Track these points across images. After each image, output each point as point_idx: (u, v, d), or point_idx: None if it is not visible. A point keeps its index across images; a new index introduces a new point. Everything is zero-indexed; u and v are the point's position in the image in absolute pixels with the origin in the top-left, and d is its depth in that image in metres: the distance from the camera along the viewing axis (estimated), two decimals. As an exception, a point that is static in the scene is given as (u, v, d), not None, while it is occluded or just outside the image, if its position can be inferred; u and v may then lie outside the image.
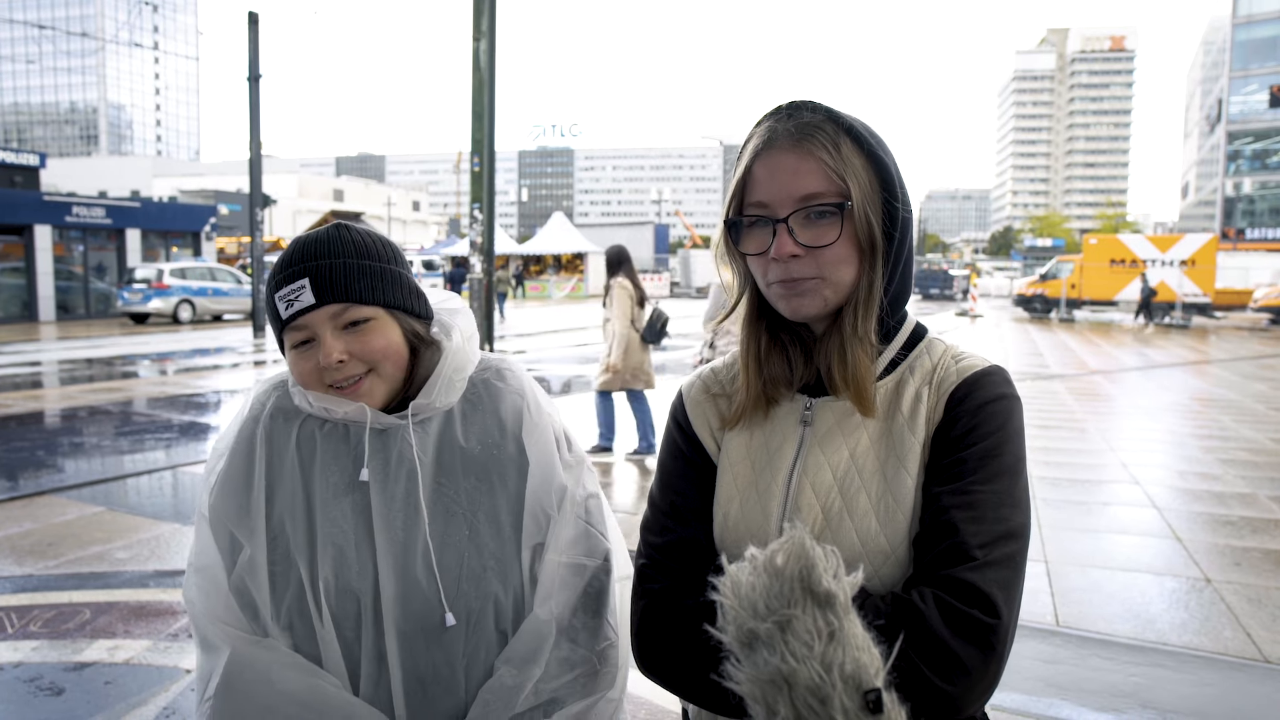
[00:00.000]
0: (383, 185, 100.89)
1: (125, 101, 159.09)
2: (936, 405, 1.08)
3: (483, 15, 11.59)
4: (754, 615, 0.79)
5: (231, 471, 1.26)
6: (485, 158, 11.76)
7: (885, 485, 1.06)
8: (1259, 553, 5.28)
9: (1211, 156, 64.17)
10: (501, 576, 1.25)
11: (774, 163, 1.08)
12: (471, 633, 1.23)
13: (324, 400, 1.24)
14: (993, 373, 1.09)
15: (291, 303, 1.21)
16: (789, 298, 1.09)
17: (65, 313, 26.24)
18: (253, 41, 20.54)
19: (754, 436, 1.16)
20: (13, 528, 5.60)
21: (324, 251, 1.23)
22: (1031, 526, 1.04)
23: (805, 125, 1.08)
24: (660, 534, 1.17)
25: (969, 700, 0.93)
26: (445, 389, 1.28)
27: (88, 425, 9.55)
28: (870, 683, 0.76)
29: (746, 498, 1.13)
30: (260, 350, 17.99)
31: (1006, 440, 1.04)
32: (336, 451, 1.26)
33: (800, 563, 0.79)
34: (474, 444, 1.29)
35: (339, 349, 1.21)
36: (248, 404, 1.32)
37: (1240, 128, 55.83)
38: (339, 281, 1.21)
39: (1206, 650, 3.94)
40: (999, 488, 1.01)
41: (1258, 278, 31.38)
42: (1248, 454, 8.14)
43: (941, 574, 0.96)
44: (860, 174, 1.07)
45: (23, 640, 3.89)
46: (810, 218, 1.06)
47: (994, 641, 0.93)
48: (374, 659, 1.20)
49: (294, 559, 1.21)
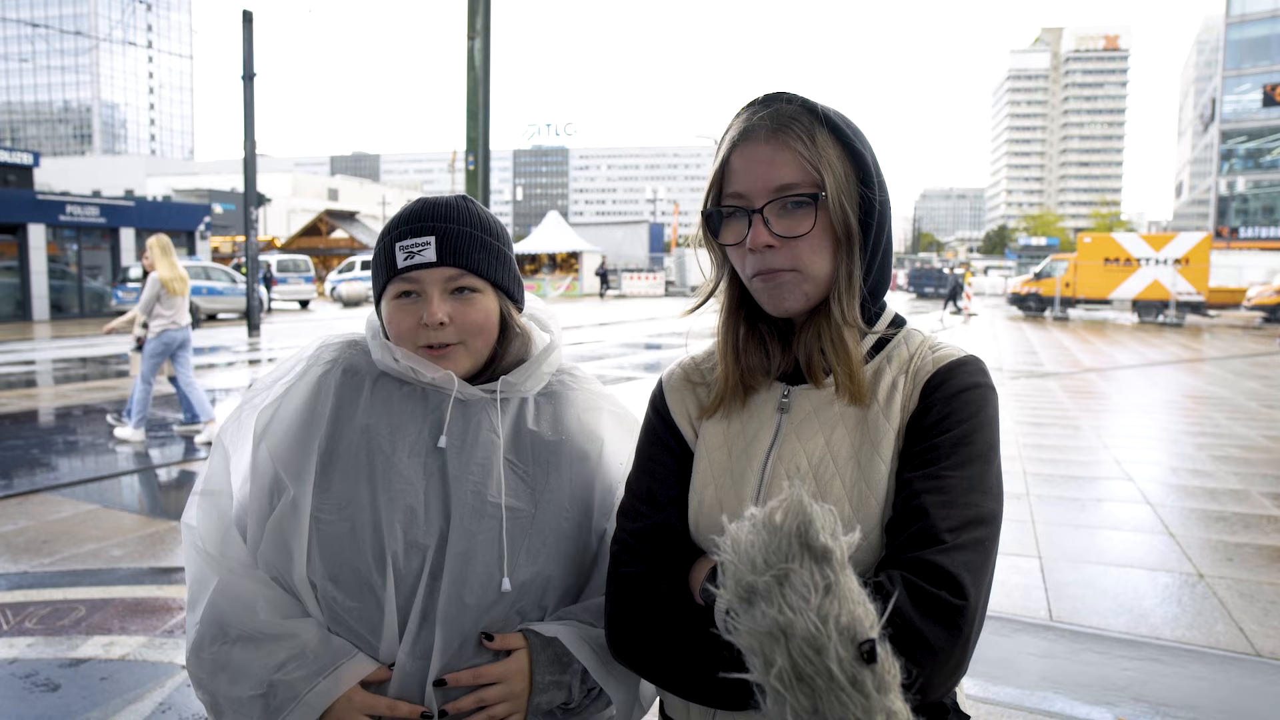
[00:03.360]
0: (377, 184, 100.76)
1: (119, 100, 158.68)
2: (912, 393, 1.09)
3: (477, 14, 11.57)
4: (752, 570, 0.80)
5: (289, 414, 1.28)
6: (480, 157, 11.74)
7: (859, 472, 1.06)
8: (1251, 548, 5.30)
9: (1205, 155, 64.37)
10: (559, 556, 1.29)
11: (750, 153, 1.09)
12: (520, 603, 1.26)
13: (413, 360, 1.27)
14: (968, 362, 1.10)
15: (412, 254, 1.24)
16: (771, 295, 1.11)
17: (59, 312, 26.18)
18: (247, 40, 20.50)
19: (731, 424, 1.17)
20: (7, 525, 5.59)
21: (453, 217, 1.28)
22: (1003, 515, 1.05)
23: (781, 116, 1.09)
24: (635, 519, 1.18)
25: (935, 682, 0.93)
26: (534, 377, 1.34)
27: (82, 423, 9.53)
28: (865, 634, 0.77)
29: (721, 483, 1.15)
30: (255, 349, 17.96)
31: (979, 428, 1.05)
32: (413, 413, 1.28)
33: (798, 518, 0.81)
34: (545, 429, 1.34)
35: (444, 311, 1.25)
36: (314, 354, 1.34)
37: (1234, 127, 56.02)
38: (462, 248, 1.26)
39: (1199, 644, 3.96)
40: (970, 474, 1.02)
41: (1251, 276, 31.47)
42: (1240, 451, 8.17)
43: (909, 556, 0.97)
44: (835, 164, 1.08)
45: (18, 637, 3.89)
46: (786, 208, 1.08)
47: (960, 623, 0.93)
48: (420, 616, 1.22)
49: (352, 513, 1.23)
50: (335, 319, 27.33)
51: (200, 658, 1.23)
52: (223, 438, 1.32)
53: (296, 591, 1.24)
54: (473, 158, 11.90)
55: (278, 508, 1.24)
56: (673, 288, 44.58)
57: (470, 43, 11.67)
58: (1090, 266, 28.48)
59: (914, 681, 0.89)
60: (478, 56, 11.58)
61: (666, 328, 23.23)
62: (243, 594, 1.23)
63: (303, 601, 1.24)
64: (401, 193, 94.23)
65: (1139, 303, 28.00)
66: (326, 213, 53.33)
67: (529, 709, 1.24)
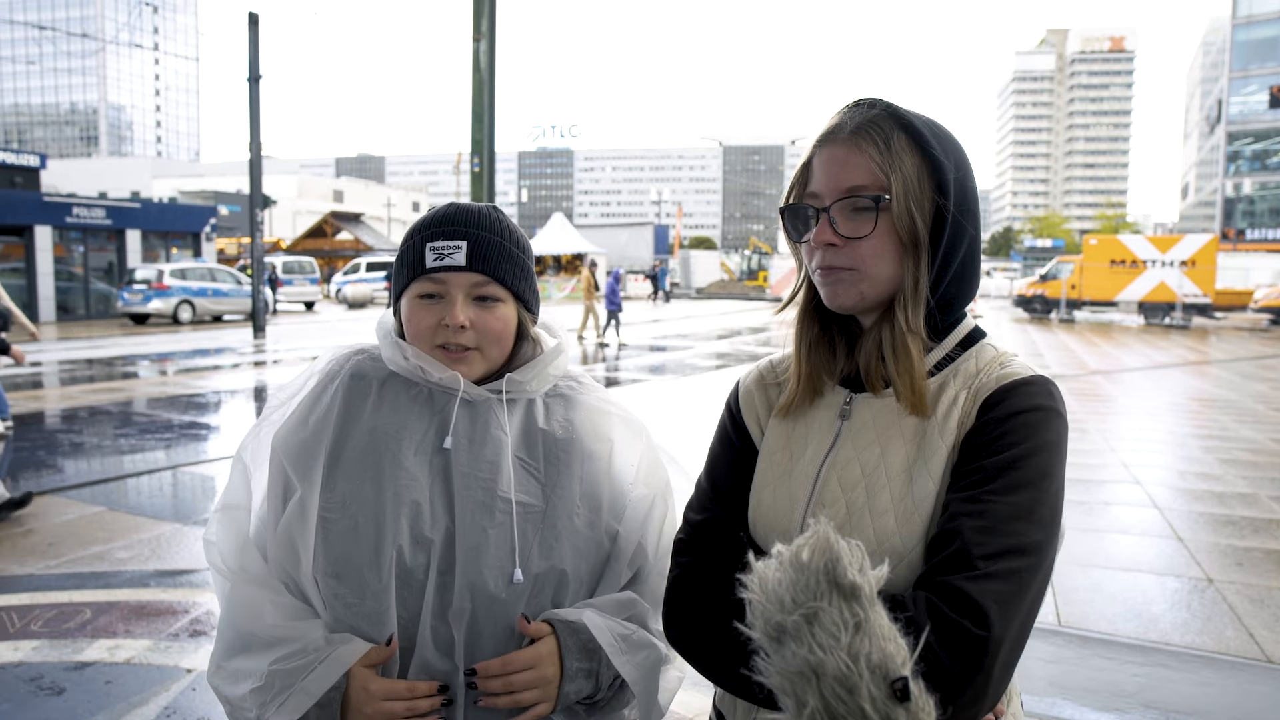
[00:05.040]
0: (382, 186, 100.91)
1: (125, 102, 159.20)
2: (970, 411, 1.05)
3: (482, 16, 11.59)
4: (781, 609, 0.79)
5: (298, 422, 1.32)
6: (485, 158, 11.75)
7: (908, 486, 1.05)
8: (1260, 553, 5.28)
9: (1211, 157, 64.19)
10: (571, 552, 1.30)
11: (828, 154, 1.11)
12: (533, 597, 1.27)
13: (422, 359, 1.29)
14: (1034, 382, 1.05)
15: (443, 255, 1.27)
16: (826, 286, 1.12)
17: (65, 313, 26.23)
18: (253, 42, 20.54)
19: (795, 426, 1.19)
20: (14, 527, 5.60)
21: (485, 225, 1.31)
22: (1055, 549, 0.99)
23: (863, 120, 1.10)
24: (700, 511, 1.23)
25: (951, 712, 0.88)
26: (540, 377, 1.36)
27: (88, 425, 9.55)
28: (897, 671, 0.76)
29: (779, 485, 1.17)
30: (260, 351, 17.99)
31: (1034, 453, 0.99)
32: (420, 414, 1.31)
33: (825, 556, 0.80)
34: (556, 428, 1.36)
35: (466, 315, 1.28)
36: (323, 365, 1.38)
37: (1240, 128, 55.86)
38: (491, 256, 1.29)
39: (1209, 650, 3.94)
40: (1017, 500, 0.97)
41: (1258, 278, 31.39)
42: (1248, 454, 8.14)
43: (938, 580, 0.94)
44: (909, 171, 1.08)
45: (23, 640, 3.89)
46: (853, 209, 1.09)
47: (981, 657, 0.89)
48: (438, 611, 1.24)
49: (356, 510, 1.25)
50: (340, 320, 27.35)
51: (217, 668, 1.26)
52: (243, 454, 1.35)
53: (305, 592, 1.26)
54: (478, 159, 11.91)
55: (287, 509, 1.27)
56: (678, 289, 44.56)
57: (475, 44, 11.68)
58: (1096, 268, 28.41)
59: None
60: (483, 58, 11.59)
61: (672, 329, 23.21)
62: (252, 600, 1.25)
63: (310, 602, 1.26)
64: (406, 194, 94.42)
65: (1145, 305, 27.92)
66: (332, 214, 53.44)
67: (559, 698, 1.24)
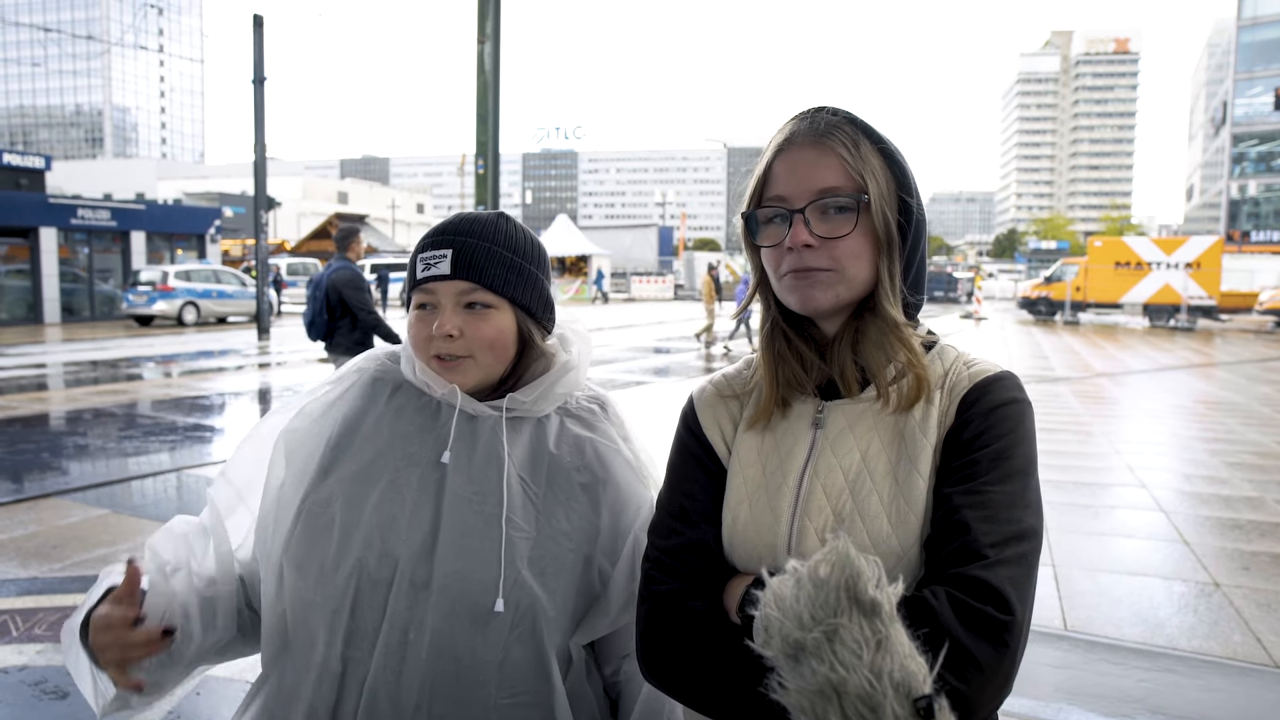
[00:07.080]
0: (387, 188, 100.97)
1: (130, 104, 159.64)
2: (948, 409, 1.08)
3: (487, 18, 11.59)
4: (799, 626, 0.78)
5: (312, 409, 1.34)
6: (490, 160, 11.74)
7: (897, 487, 1.05)
8: (1267, 557, 5.25)
9: (1216, 159, 64.10)
10: (557, 586, 1.25)
11: (794, 158, 1.10)
12: (515, 626, 1.22)
13: (427, 374, 1.29)
14: (1004, 378, 1.10)
15: (429, 266, 1.28)
16: (801, 288, 1.10)
17: (70, 315, 26.27)
18: (257, 44, 20.58)
19: (765, 439, 1.16)
20: (17, 530, 5.60)
21: (474, 232, 1.29)
22: (1044, 531, 1.03)
23: (825, 124, 1.11)
24: (668, 536, 1.15)
25: (982, 699, 0.91)
26: (545, 397, 1.32)
27: (92, 427, 9.56)
28: (920, 689, 0.75)
29: (756, 500, 1.12)
30: (265, 353, 18.01)
31: (1018, 443, 1.04)
32: (423, 426, 1.30)
33: (845, 572, 0.79)
34: (564, 455, 1.32)
35: (454, 324, 1.26)
36: (355, 362, 1.40)
37: (1245, 130, 55.77)
38: (477, 263, 1.27)
39: (1216, 655, 3.92)
40: (1011, 489, 1.01)
41: (1263, 280, 31.30)
42: (1255, 457, 8.11)
43: (953, 572, 0.96)
44: (878, 172, 1.09)
45: (27, 643, 3.88)
46: (827, 211, 1.08)
47: (1008, 639, 0.92)
48: (400, 629, 1.20)
49: (336, 510, 1.25)
50: (344, 322, 27.30)
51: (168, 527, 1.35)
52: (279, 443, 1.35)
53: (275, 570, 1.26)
54: (482, 161, 11.90)
55: (277, 487, 1.30)
56: (682, 290, 44.56)
57: (480, 46, 11.68)
58: (1101, 270, 28.35)
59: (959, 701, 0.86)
60: (488, 60, 11.59)
61: (673, 331, 23.20)
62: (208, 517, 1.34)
63: (273, 582, 1.27)
64: (411, 196, 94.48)
65: (1150, 307, 27.86)
66: (336, 216, 53.62)
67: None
